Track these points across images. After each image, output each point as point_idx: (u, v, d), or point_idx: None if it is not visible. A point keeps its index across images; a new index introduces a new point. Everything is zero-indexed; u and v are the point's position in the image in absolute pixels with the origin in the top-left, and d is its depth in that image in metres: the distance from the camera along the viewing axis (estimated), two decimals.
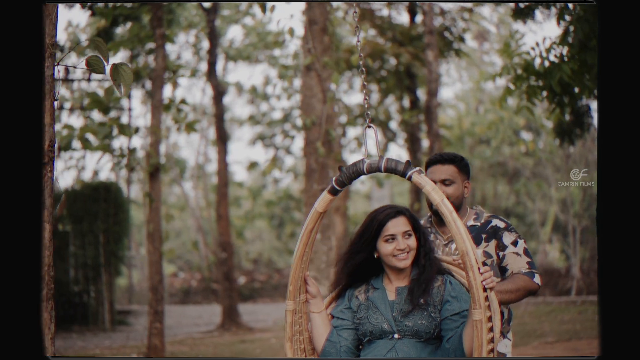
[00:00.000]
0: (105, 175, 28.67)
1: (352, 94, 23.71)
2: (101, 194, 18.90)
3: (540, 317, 17.11)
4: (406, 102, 20.66)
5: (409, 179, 4.01)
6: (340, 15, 18.67)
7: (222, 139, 19.17)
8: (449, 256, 4.79)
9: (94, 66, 4.69)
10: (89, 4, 13.92)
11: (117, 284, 22.74)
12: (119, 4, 13.85)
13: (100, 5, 14.01)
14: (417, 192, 19.12)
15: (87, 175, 20.55)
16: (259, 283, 30.00)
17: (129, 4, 14.04)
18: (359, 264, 4.42)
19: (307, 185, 10.59)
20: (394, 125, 22.23)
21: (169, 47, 20.99)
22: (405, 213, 4.35)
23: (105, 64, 4.66)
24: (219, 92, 19.42)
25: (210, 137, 29.58)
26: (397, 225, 4.29)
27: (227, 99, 28.18)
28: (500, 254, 4.83)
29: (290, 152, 27.12)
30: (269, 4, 11.70)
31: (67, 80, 19.83)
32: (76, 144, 17.09)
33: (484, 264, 4.75)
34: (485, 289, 3.87)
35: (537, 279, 4.72)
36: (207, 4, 18.61)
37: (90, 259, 19.05)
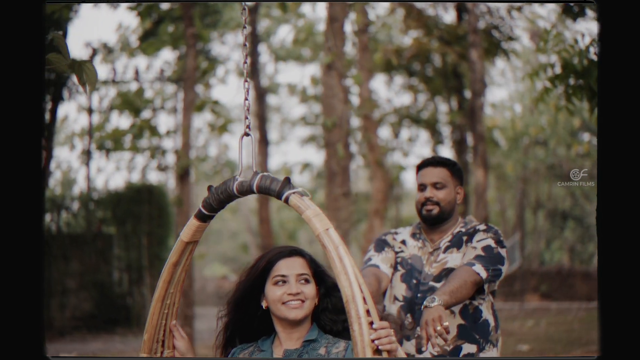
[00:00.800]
0: (156, 176, 28.73)
1: (403, 94, 23.26)
2: (144, 196, 18.81)
3: (590, 324, 16.63)
4: (454, 103, 20.27)
5: (285, 201, 3.20)
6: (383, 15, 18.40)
7: (265, 141, 18.98)
8: (432, 265, 4.52)
9: (55, 64, 4.47)
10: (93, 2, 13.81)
11: None
12: (154, 4, 13.79)
13: (131, 4, 13.95)
14: (464, 194, 18.65)
15: (134, 177, 20.59)
16: None
17: (163, 4, 13.99)
18: (246, 316, 3.57)
19: (329, 189, 10.30)
20: (443, 126, 21.85)
21: (217, 47, 20.88)
22: (305, 255, 3.53)
23: (67, 61, 4.44)
24: (262, 92, 19.24)
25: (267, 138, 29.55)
26: (291, 266, 3.48)
27: (279, 100, 28.03)
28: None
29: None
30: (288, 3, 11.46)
31: (115, 82, 19.83)
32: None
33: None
34: (378, 351, 3.02)
35: (478, 268, 4.31)
36: (249, 3, 18.44)
37: (133, 261, 18.99)
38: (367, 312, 2.98)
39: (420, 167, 4.72)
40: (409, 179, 32.10)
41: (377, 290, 4.52)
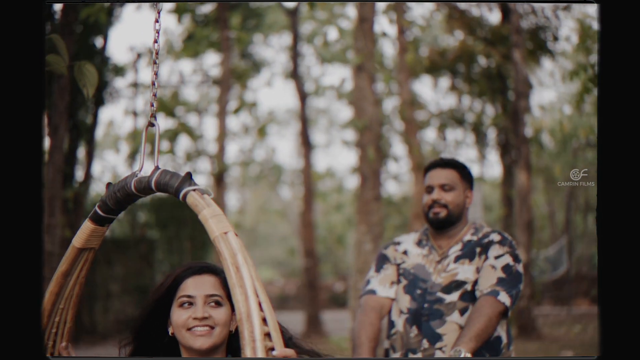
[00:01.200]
0: (202, 180, 28.82)
1: (448, 96, 22.98)
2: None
3: None
4: (499, 105, 19.95)
5: (184, 199, 2.80)
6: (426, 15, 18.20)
7: (307, 144, 18.84)
8: (440, 274, 4.33)
9: (53, 65, 4.40)
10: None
11: None
12: (189, 6, 13.81)
13: (170, 7, 13.99)
14: (508, 198, 18.39)
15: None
16: (358, 290, 29.75)
17: (201, 7, 14.00)
18: (151, 344, 3.06)
19: (360, 193, 10.15)
20: (488, 129, 21.52)
21: (261, 49, 20.84)
22: (218, 273, 3.04)
23: (66, 62, 4.37)
24: (304, 95, 19.12)
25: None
26: (200, 286, 2.99)
27: (326, 102, 27.97)
28: (481, 266, 4.29)
29: (391, 156, 26.59)
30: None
31: (160, 86, 19.88)
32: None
33: (476, 282, 4.23)
34: None
35: (503, 297, 4.10)
36: (290, 5, 18.38)
37: (176, 265, 19.02)
38: (268, 335, 2.48)
39: (428, 169, 4.53)
40: None
41: (378, 330, 4.36)
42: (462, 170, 4.48)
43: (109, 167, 23.53)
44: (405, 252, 4.51)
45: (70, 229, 15.75)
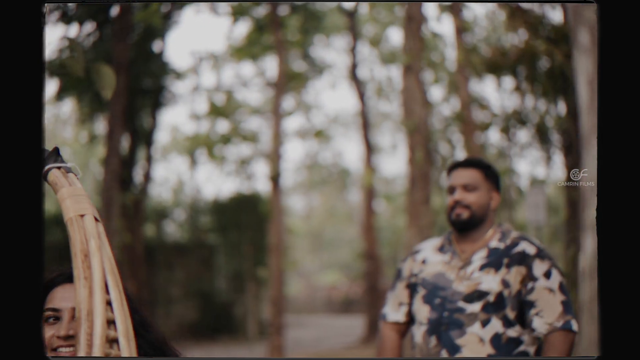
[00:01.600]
0: (265, 185, 28.95)
1: (511, 97, 22.65)
2: (245, 204, 18.89)
3: None
4: (562, 106, 19.59)
5: (45, 177, 2.32)
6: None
7: (369, 147, 18.71)
8: (462, 281, 4.12)
9: (70, 67, 4.38)
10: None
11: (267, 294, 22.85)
12: (245, 4, 13.80)
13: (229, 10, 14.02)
14: (572, 201, 18.00)
15: (240, 186, 20.69)
16: None
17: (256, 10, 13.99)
18: None
19: (410, 195, 9.97)
20: (552, 130, 21.14)
21: (323, 52, 20.79)
22: None
23: (82, 65, 4.35)
24: (363, 96, 19.01)
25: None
26: (69, 296, 2.44)
27: (390, 105, 27.80)
28: (529, 285, 3.99)
29: (454, 158, 26.38)
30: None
31: (219, 90, 19.98)
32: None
33: (500, 294, 4.04)
34: None
35: (574, 326, 3.89)
36: (348, 6, 18.30)
37: (236, 269, 19.09)
38: (115, 342, 1.96)
39: (451, 169, 4.27)
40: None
41: (397, 354, 4.30)
42: (486, 170, 4.23)
43: (174, 170, 23.72)
44: (424, 261, 4.28)
45: (131, 233, 15.86)
